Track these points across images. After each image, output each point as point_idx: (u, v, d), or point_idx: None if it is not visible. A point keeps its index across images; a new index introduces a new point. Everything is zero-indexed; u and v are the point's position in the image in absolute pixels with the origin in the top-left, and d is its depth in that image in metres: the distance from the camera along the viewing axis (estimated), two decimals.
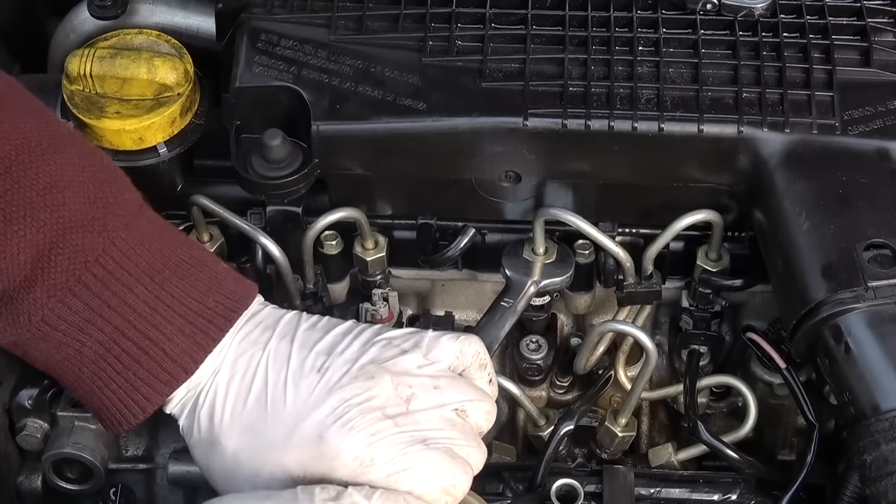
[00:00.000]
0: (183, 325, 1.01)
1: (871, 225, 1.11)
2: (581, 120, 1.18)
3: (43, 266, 0.97)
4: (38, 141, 0.99)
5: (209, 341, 1.02)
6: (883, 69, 1.22)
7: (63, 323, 0.99)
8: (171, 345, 1.01)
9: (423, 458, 1.00)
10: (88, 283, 0.98)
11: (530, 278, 1.23)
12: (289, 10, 1.28)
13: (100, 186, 1.01)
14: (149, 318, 1.00)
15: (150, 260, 1.01)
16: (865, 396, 1.05)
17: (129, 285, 1.00)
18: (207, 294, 1.03)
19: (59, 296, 0.98)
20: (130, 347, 1.00)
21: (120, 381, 1.01)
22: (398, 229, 1.30)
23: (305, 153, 1.21)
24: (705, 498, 1.20)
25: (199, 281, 1.03)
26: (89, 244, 0.98)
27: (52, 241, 0.97)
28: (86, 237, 0.98)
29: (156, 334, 1.00)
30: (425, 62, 1.23)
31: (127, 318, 1.00)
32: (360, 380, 1.02)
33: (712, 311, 1.30)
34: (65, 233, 0.98)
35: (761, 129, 1.18)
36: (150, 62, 1.25)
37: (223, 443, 1.03)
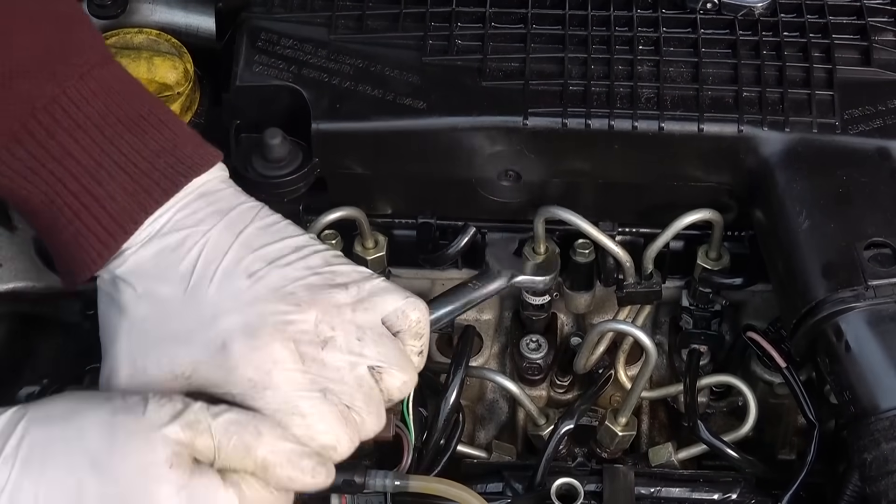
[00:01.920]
0: (127, 182, 0.98)
1: (872, 224, 1.11)
2: (581, 119, 1.18)
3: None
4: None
5: (152, 203, 0.98)
6: (883, 68, 1.22)
7: (8, 169, 0.97)
8: (111, 202, 0.97)
9: (315, 409, 0.95)
10: (33, 130, 0.96)
11: (507, 269, 1.22)
12: (289, 9, 1.28)
13: (57, 33, 0.98)
14: (92, 172, 0.97)
15: (102, 113, 0.98)
16: (866, 395, 1.05)
17: (75, 137, 0.97)
18: (159, 154, 0.99)
19: (3, 142, 0.96)
20: (72, 201, 0.97)
21: (67, 233, 0.98)
22: (398, 228, 1.30)
23: (305, 152, 1.21)
24: (705, 497, 1.20)
25: (154, 140, 1.00)
26: (37, 91, 0.96)
27: (0, 85, 0.95)
28: (34, 83, 0.96)
29: (97, 189, 0.97)
30: (425, 61, 1.23)
31: (70, 170, 0.97)
32: (286, 303, 0.96)
33: (712, 310, 1.30)
34: (11, 77, 0.95)
35: (761, 129, 1.18)
36: (149, 61, 1.26)
37: (129, 310, 0.98)
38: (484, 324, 1.36)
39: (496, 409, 1.39)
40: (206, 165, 1.01)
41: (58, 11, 1.01)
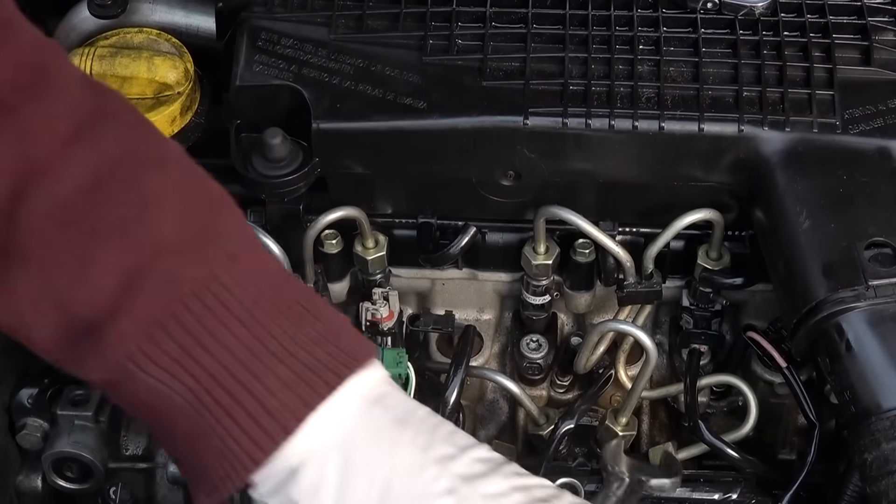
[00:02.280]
0: (286, 375, 0.85)
1: (872, 224, 1.11)
2: (582, 119, 1.18)
3: (131, 293, 0.83)
4: (139, 155, 0.87)
5: (315, 397, 0.86)
6: (883, 68, 1.22)
7: (151, 363, 0.84)
8: (270, 398, 0.85)
9: None
10: (182, 318, 0.84)
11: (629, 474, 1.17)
12: (289, 8, 1.28)
13: (204, 211, 0.87)
14: (248, 364, 0.85)
15: (255, 299, 0.86)
16: (866, 395, 1.05)
17: (228, 325, 0.85)
18: (318, 344, 0.87)
19: (148, 330, 0.83)
20: (224, 398, 0.85)
21: (213, 438, 0.85)
22: (398, 228, 1.30)
23: (306, 152, 1.21)
24: (706, 497, 1.20)
25: (310, 328, 0.88)
26: (187, 273, 0.84)
27: (143, 265, 0.83)
28: (183, 265, 0.84)
29: (254, 384, 0.85)
30: (426, 61, 1.23)
31: (223, 362, 0.85)
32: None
33: (713, 310, 1.30)
34: (159, 256, 0.84)
35: (762, 128, 1.18)
36: (150, 61, 1.25)
37: None
38: (484, 323, 1.36)
39: (496, 408, 1.39)
40: (366, 357, 0.89)
41: (206, 186, 0.90)
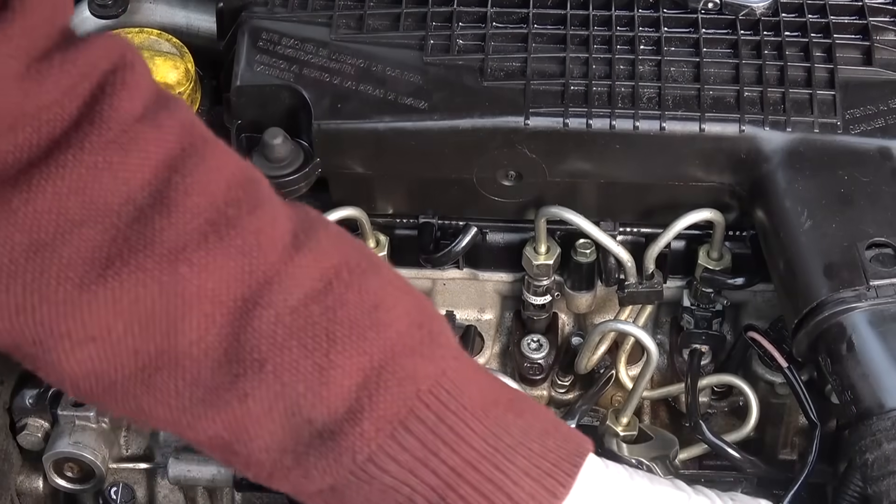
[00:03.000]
0: (527, 466, 0.87)
1: (873, 224, 1.11)
2: (583, 119, 1.18)
3: (370, 394, 0.84)
4: (357, 261, 0.89)
5: (559, 487, 0.87)
6: (885, 68, 1.22)
7: (392, 463, 0.85)
8: (516, 489, 0.86)
9: None
10: (422, 415, 0.85)
11: None
12: (290, 9, 1.28)
13: (423, 312, 0.89)
14: (490, 457, 0.86)
15: (483, 392, 0.88)
16: (867, 395, 1.05)
17: (465, 420, 0.86)
18: (545, 435, 0.89)
19: (389, 430, 0.84)
20: (469, 493, 0.85)
21: None
22: (399, 228, 1.30)
23: (306, 152, 1.21)
24: None
25: (536, 420, 0.90)
26: (421, 371, 0.86)
27: (381, 365, 0.85)
28: (417, 363, 0.86)
29: (499, 477, 0.86)
30: (426, 61, 1.23)
31: (465, 457, 0.85)
32: None
33: (713, 310, 1.30)
34: (394, 356, 0.85)
35: (763, 128, 1.18)
36: (150, 61, 1.25)
37: None
38: (485, 324, 1.36)
39: None
40: (588, 445, 0.91)
41: (412, 288, 0.92)
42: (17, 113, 0.82)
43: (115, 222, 0.83)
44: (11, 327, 0.83)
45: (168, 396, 0.85)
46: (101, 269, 0.82)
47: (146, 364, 0.84)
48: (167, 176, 0.84)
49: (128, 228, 0.83)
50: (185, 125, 0.87)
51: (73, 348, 0.83)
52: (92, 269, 0.82)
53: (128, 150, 0.84)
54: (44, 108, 0.82)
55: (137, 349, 0.84)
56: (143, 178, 0.84)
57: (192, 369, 0.84)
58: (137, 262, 0.83)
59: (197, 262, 0.84)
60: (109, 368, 0.84)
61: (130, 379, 0.85)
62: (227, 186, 0.87)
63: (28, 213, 0.82)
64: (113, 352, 0.84)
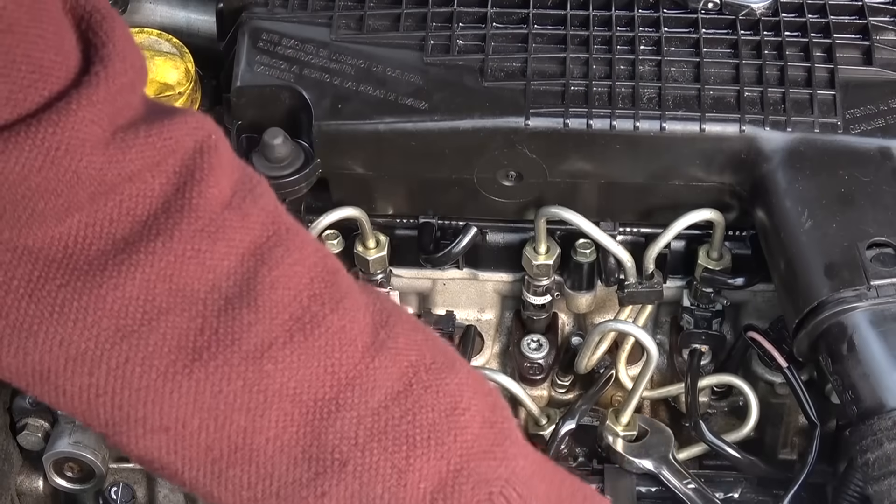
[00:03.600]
0: None
1: (874, 223, 1.11)
2: (583, 119, 1.18)
3: (445, 496, 0.85)
4: (433, 358, 0.89)
5: None
6: (885, 68, 1.22)
7: None
8: None
9: None
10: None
11: None
12: (290, 9, 1.28)
13: (496, 410, 0.90)
14: None
15: (548, 492, 0.90)
16: (868, 395, 1.05)
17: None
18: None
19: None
20: None
21: None
22: (399, 228, 1.30)
23: (307, 152, 1.21)
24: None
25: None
26: (493, 472, 0.87)
27: (457, 469, 0.86)
28: (489, 464, 0.87)
29: None
30: (427, 61, 1.23)
31: None
32: None
33: (713, 310, 1.30)
34: (469, 459, 0.86)
35: (763, 128, 1.18)
36: (151, 61, 1.26)
37: None
38: (485, 323, 1.36)
39: None
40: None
41: (485, 383, 0.93)
42: (100, 181, 0.80)
43: (201, 311, 0.83)
44: (88, 409, 0.83)
45: (240, 489, 0.85)
46: (189, 361, 0.82)
47: (218, 458, 0.84)
48: (253, 266, 0.84)
49: (215, 319, 0.83)
50: (270, 213, 0.87)
51: (145, 435, 0.83)
52: (178, 360, 0.82)
53: (215, 238, 0.83)
54: (127, 179, 0.81)
55: (210, 445, 0.84)
56: (230, 267, 0.83)
57: (267, 465, 0.84)
58: (224, 357, 0.82)
59: (282, 361, 0.83)
60: (177, 460, 0.84)
61: (200, 471, 0.85)
62: (310, 280, 0.86)
63: (117, 299, 0.81)
64: (184, 445, 0.83)
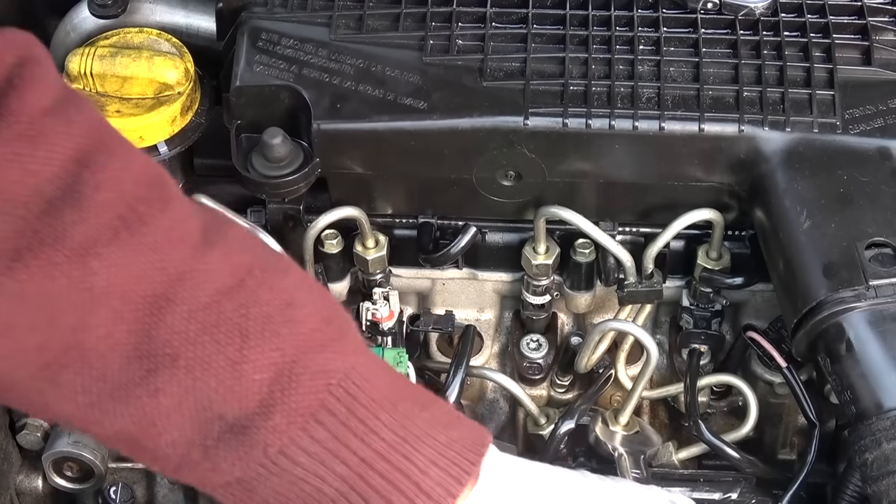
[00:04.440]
0: (434, 456, 0.89)
1: (873, 224, 1.11)
2: (582, 119, 1.18)
3: (283, 388, 0.85)
4: (268, 261, 0.90)
5: (464, 475, 0.90)
6: (884, 68, 1.22)
7: (303, 455, 0.86)
8: (424, 478, 0.88)
9: None
10: (333, 408, 0.87)
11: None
12: (289, 9, 1.28)
13: (331, 309, 0.91)
14: (398, 447, 0.88)
15: (389, 388, 0.90)
16: (867, 395, 1.05)
17: (374, 412, 0.88)
18: (451, 426, 0.92)
19: (300, 422, 0.86)
20: (379, 482, 0.88)
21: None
22: (399, 228, 1.30)
23: (306, 152, 1.21)
24: (706, 497, 1.20)
25: (441, 413, 0.92)
26: (331, 365, 0.87)
27: (293, 360, 0.86)
28: (327, 357, 0.87)
29: (407, 466, 0.88)
30: (426, 61, 1.23)
31: (375, 448, 0.88)
32: None
33: (713, 309, 1.30)
34: (306, 351, 0.87)
35: (762, 128, 1.18)
36: (150, 61, 1.25)
37: None
38: (484, 323, 1.37)
39: (496, 408, 1.39)
40: (488, 435, 0.94)
41: (322, 288, 0.94)
42: None
43: (23, 214, 0.82)
44: None
45: (74, 393, 0.84)
46: (9, 262, 0.81)
47: (51, 361, 0.84)
48: (77, 171, 0.83)
49: (37, 221, 0.82)
50: (94, 122, 0.87)
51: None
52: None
53: (36, 143, 0.82)
54: None
55: (42, 346, 0.83)
56: (52, 172, 0.83)
57: (100, 365, 0.84)
58: (47, 256, 0.81)
59: (107, 258, 0.83)
60: (11, 366, 0.84)
61: (34, 377, 0.84)
62: (137, 184, 0.86)
63: None
64: (16, 348, 0.83)
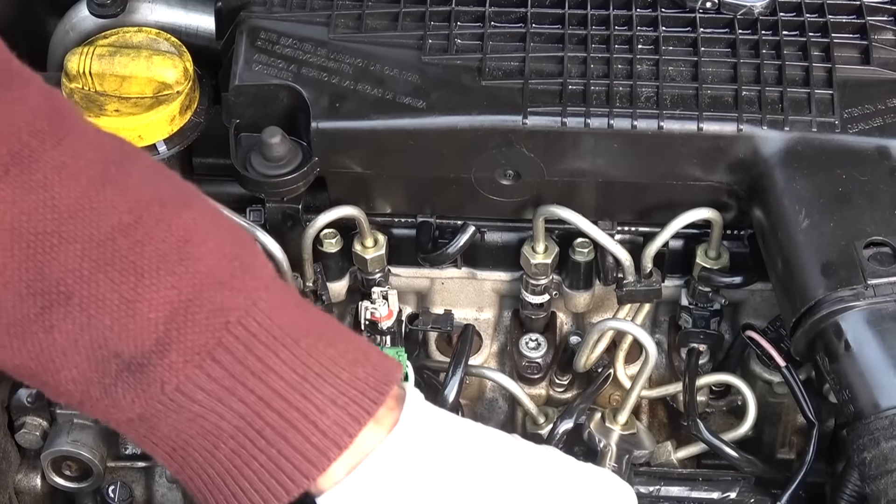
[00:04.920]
0: (334, 394, 0.89)
1: (871, 223, 1.11)
2: (580, 118, 1.18)
3: (178, 326, 0.85)
4: (169, 195, 0.89)
5: (364, 414, 0.90)
6: (883, 67, 1.22)
7: (200, 392, 0.86)
8: (322, 416, 0.88)
9: None
10: (230, 346, 0.86)
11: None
12: (288, 8, 1.28)
13: (235, 244, 0.90)
14: (297, 386, 0.88)
15: (293, 324, 0.89)
16: (865, 394, 1.05)
17: (274, 349, 0.88)
18: (356, 364, 0.91)
19: (196, 360, 0.85)
20: (275, 420, 0.88)
21: (262, 458, 0.88)
22: (397, 227, 1.30)
23: (305, 151, 1.21)
24: (704, 496, 1.20)
25: (347, 350, 0.92)
26: (230, 302, 0.86)
27: (189, 299, 0.85)
28: (225, 295, 0.87)
29: (304, 404, 0.88)
30: (425, 60, 1.23)
31: (272, 386, 0.87)
32: None
33: (712, 309, 1.30)
34: (202, 289, 0.86)
35: (761, 127, 1.18)
36: (149, 60, 1.25)
37: None
38: (483, 322, 1.37)
39: (495, 407, 1.39)
40: (397, 372, 0.94)
41: (229, 223, 0.93)
42: None
43: None
44: None
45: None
46: None
47: None
48: None
49: None
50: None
51: None
52: None
53: None
54: None
55: None
56: None
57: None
58: None
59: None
60: None
61: None
62: (33, 117, 0.86)
63: None
64: None
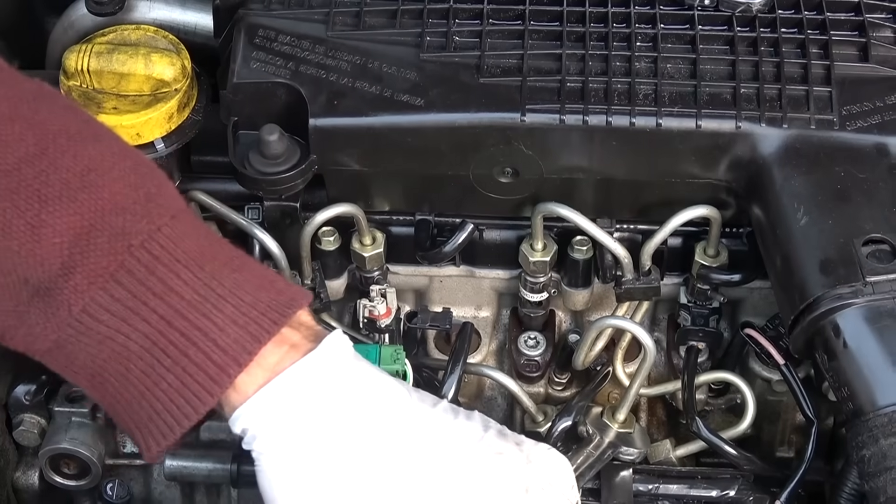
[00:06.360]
0: (235, 315, 0.93)
1: (870, 220, 1.11)
2: (579, 115, 1.18)
3: (82, 250, 0.90)
4: (77, 130, 0.94)
5: (263, 333, 0.93)
6: (881, 64, 1.22)
7: (106, 313, 0.91)
8: (222, 335, 0.92)
9: None
10: (132, 268, 0.91)
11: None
12: (286, 5, 1.28)
13: (142, 177, 0.94)
14: (198, 306, 0.92)
15: (198, 250, 0.94)
16: (864, 392, 1.05)
17: (176, 271, 0.92)
18: (260, 289, 0.95)
19: (100, 282, 0.90)
20: (178, 339, 0.92)
21: (170, 378, 0.92)
22: (396, 225, 1.30)
23: (303, 149, 1.21)
24: (703, 494, 1.20)
25: (251, 276, 0.96)
26: (132, 227, 0.91)
27: (92, 224, 0.90)
28: (128, 220, 0.91)
29: (205, 323, 0.92)
30: (423, 58, 1.23)
31: (174, 306, 0.92)
32: None
33: (710, 307, 1.30)
34: (105, 215, 0.91)
35: (759, 125, 1.18)
36: (147, 58, 1.25)
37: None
38: (482, 321, 1.36)
39: (494, 405, 1.39)
40: (304, 299, 0.97)
41: (139, 156, 0.97)
42: None
43: None
44: None
45: None
46: None
47: None
48: None
49: None
50: None
51: None
52: None
53: None
54: None
55: None
56: None
57: None
58: None
59: None
60: None
61: None
62: None
63: None
64: None
